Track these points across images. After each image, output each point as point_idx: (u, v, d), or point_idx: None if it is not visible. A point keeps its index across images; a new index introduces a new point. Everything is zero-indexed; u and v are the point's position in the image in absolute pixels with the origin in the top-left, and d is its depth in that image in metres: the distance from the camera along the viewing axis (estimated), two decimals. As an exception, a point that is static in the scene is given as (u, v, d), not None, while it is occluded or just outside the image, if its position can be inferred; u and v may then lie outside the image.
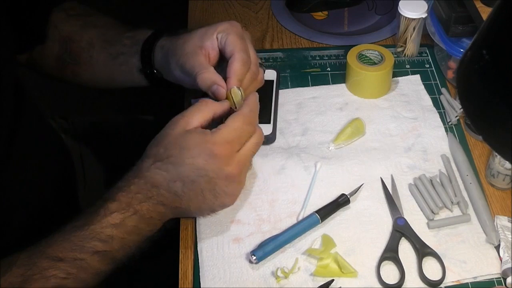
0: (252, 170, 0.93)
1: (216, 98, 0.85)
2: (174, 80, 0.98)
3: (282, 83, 1.06)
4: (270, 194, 0.91)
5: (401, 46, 1.10)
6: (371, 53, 1.04)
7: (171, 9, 1.08)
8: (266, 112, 0.99)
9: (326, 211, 0.88)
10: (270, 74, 1.04)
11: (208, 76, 0.86)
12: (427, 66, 1.09)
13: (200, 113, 0.83)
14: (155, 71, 0.98)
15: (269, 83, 1.03)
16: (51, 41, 1.03)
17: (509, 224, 0.86)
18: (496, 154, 0.89)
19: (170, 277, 0.89)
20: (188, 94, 1.05)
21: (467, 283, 0.83)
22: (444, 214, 0.89)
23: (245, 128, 0.82)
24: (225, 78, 0.86)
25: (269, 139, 0.97)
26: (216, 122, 0.85)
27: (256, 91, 0.99)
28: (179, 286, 0.83)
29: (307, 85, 1.06)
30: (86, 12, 1.06)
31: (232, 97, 0.85)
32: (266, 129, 0.97)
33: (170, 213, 0.82)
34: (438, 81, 1.07)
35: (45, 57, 1.05)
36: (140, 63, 0.99)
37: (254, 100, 0.85)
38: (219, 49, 0.90)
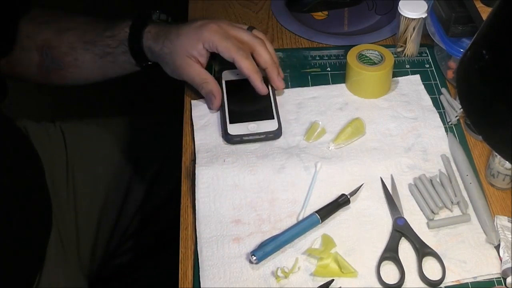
0: (252, 170, 0.93)
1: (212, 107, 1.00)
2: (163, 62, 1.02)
3: (282, 83, 1.06)
4: (270, 194, 0.91)
5: (401, 46, 1.10)
6: (371, 53, 1.04)
7: (171, 10, 1.08)
8: (267, 108, 0.99)
9: (326, 211, 0.88)
10: (263, 72, 1.04)
11: (208, 89, 0.98)
12: (427, 66, 1.09)
13: None
14: (150, 63, 1.03)
15: (263, 80, 1.04)
16: (28, 51, 1.05)
17: (509, 224, 0.86)
18: (496, 154, 0.89)
19: (170, 277, 0.90)
20: (188, 94, 1.05)
21: (467, 283, 0.83)
22: (444, 214, 0.89)
23: None
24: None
25: (276, 134, 0.97)
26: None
27: (252, 90, 1.01)
28: (179, 286, 0.83)
29: (307, 85, 1.06)
30: (54, 16, 1.07)
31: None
32: (272, 124, 0.97)
33: None
34: (438, 81, 1.07)
35: (26, 66, 1.06)
36: (133, 59, 1.02)
37: None
38: (210, 53, 0.98)
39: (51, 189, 1.09)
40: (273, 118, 0.98)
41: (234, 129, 0.96)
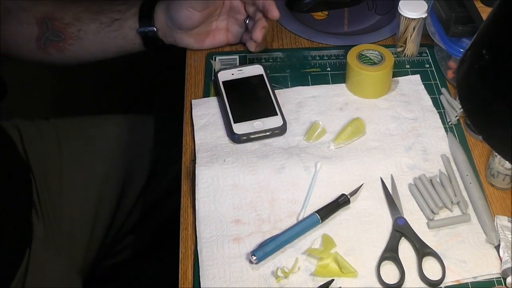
0: (252, 170, 0.93)
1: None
2: (174, 42, 1.06)
3: (283, 83, 1.06)
4: (270, 194, 0.91)
5: (401, 46, 1.10)
6: (371, 53, 1.04)
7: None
8: (270, 105, 1.00)
9: (326, 211, 0.88)
10: (257, 69, 1.05)
11: None
12: (427, 66, 1.09)
13: None
14: (155, 29, 1.05)
15: (259, 77, 1.04)
16: (26, 24, 1.05)
17: (509, 224, 0.86)
18: (496, 154, 0.89)
19: (170, 277, 0.90)
20: (188, 93, 1.05)
21: (467, 283, 0.83)
22: (444, 214, 0.89)
23: None
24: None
25: (282, 130, 0.97)
26: None
27: (251, 88, 1.01)
28: (179, 286, 0.83)
29: (307, 85, 1.06)
30: None
31: None
32: (276, 121, 0.98)
33: None
34: (438, 81, 1.07)
35: (23, 40, 1.07)
36: (138, 24, 1.05)
37: None
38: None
39: (42, 185, 1.09)
40: (277, 114, 0.98)
41: (240, 128, 0.96)
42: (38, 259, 1.04)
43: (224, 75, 1.04)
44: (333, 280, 0.82)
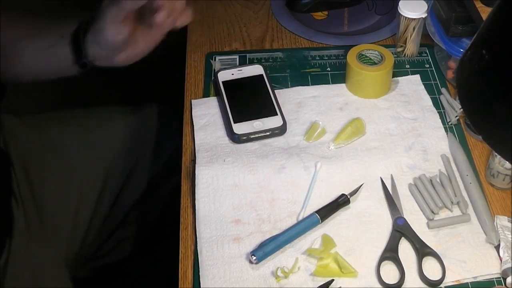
0: (252, 170, 0.93)
1: None
2: (107, 63, 1.00)
3: (283, 83, 1.06)
4: (270, 194, 0.91)
5: (401, 46, 1.10)
6: (371, 53, 1.04)
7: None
8: (269, 105, 1.00)
9: (326, 211, 0.88)
10: (257, 69, 1.05)
11: None
12: (427, 66, 1.09)
13: None
14: (86, 62, 0.99)
15: (259, 77, 1.04)
16: None
17: (509, 224, 0.86)
18: (496, 154, 0.89)
19: (170, 277, 0.90)
20: (188, 94, 1.05)
21: (467, 283, 0.83)
22: (444, 214, 0.89)
23: None
24: None
25: (282, 130, 0.98)
26: None
27: (251, 88, 1.00)
28: (179, 286, 0.83)
29: (307, 85, 1.06)
30: None
31: None
32: (276, 121, 0.98)
33: None
34: (438, 81, 1.07)
35: None
36: (73, 54, 0.99)
37: None
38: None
39: (23, 179, 1.08)
40: (277, 114, 0.99)
41: (240, 128, 0.97)
42: (20, 250, 1.04)
43: (224, 75, 1.04)
44: (333, 280, 0.82)
